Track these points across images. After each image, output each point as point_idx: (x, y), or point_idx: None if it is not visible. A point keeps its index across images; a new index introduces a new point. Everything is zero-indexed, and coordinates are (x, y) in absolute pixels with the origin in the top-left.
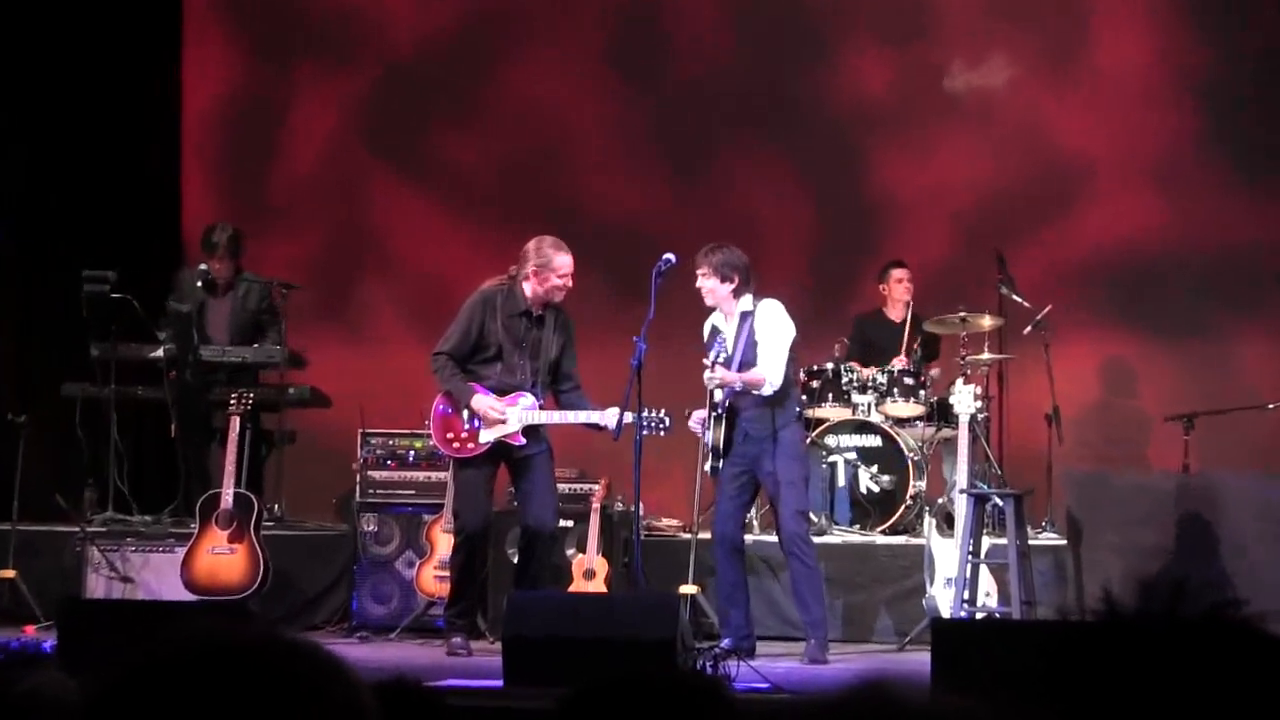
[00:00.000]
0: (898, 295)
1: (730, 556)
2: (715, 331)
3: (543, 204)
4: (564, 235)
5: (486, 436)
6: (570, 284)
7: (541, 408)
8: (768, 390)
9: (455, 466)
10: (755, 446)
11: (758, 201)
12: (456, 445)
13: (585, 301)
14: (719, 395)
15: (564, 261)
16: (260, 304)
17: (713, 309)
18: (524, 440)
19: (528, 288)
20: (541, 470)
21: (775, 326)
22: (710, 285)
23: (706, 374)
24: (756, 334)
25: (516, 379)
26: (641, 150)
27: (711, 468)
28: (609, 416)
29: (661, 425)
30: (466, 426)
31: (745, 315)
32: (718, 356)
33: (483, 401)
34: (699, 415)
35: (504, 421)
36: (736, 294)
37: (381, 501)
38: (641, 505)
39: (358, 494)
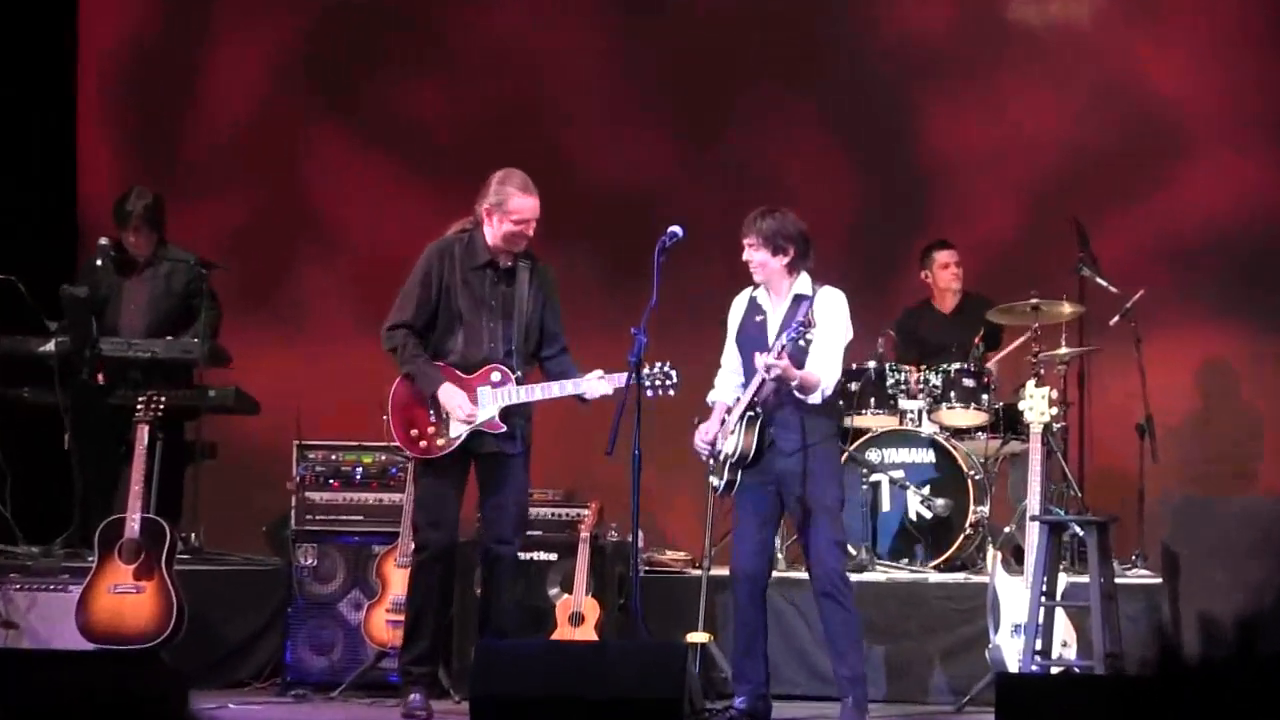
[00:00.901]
0: (944, 283)
1: (751, 597)
2: (754, 309)
3: (522, 167)
4: (548, 205)
5: (457, 430)
6: (529, 233)
7: (521, 381)
8: (818, 397)
9: (417, 469)
10: (783, 462)
11: (784, 167)
12: (423, 444)
13: (573, 285)
14: (758, 390)
15: (522, 205)
16: (189, 286)
17: (745, 286)
18: (502, 426)
19: (488, 232)
20: (516, 479)
21: (837, 321)
22: (761, 258)
23: (766, 357)
24: (813, 326)
25: (485, 349)
26: (643, 102)
27: (726, 483)
28: (594, 383)
29: (668, 382)
30: (433, 419)
31: (801, 300)
32: (795, 336)
33: (451, 395)
34: (707, 428)
35: (473, 418)
36: (791, 269)
37: (322, 529)
38: (641, 534)
39: (293, 520)
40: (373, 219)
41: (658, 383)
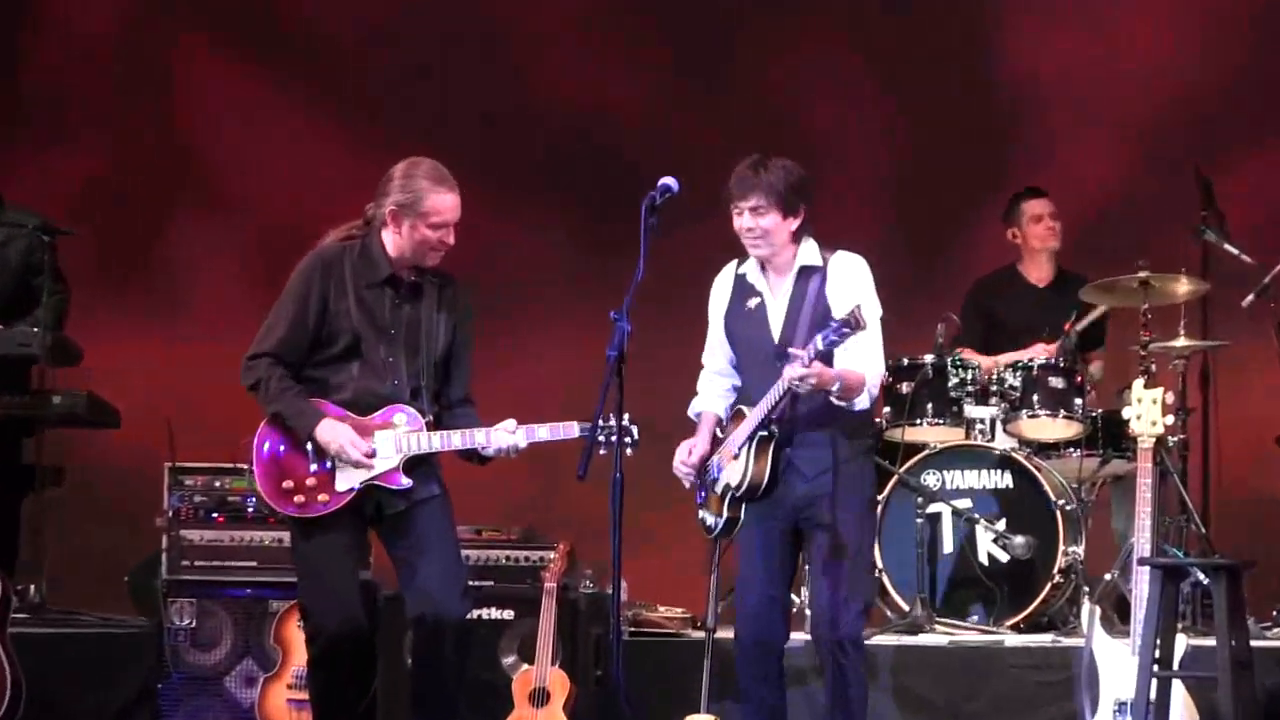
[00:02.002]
0: (1038, 239)
1: (760, 669)
2: (745, 290)
3: (471, 106)
4: (508, 151)
5: (347, 481)
6: (449, 241)
7: (429, 427)
8: (865, 402)
9: (297, 533)
10: (803, 488)
11: (807, 103)
12: (300, 499)
13: (538, 258)
14: (775, 406)
15: (440, 204)
16: (27, 259)
17: (735, 257)
18: (406, 482)
19: (388, 239)
20: (436, 527)
21: (871, 296)
22: (769, 223)
23: (792, 369)
24: (835, 307)
25: (386, 385)
26: (629, 23)
27: (726, 522)
28: (501, 435)
29: (627, 439)
30: (314, 469)
31: (808, 274)
32: (834, 340)
33: (337, 433)
34: (691, 445)
35: (371, 456)
36: (797, 236)
37: (203, 579)
38: (625, 584)
39: (164, 567)
40: (272, 171)
41: (612, 438)
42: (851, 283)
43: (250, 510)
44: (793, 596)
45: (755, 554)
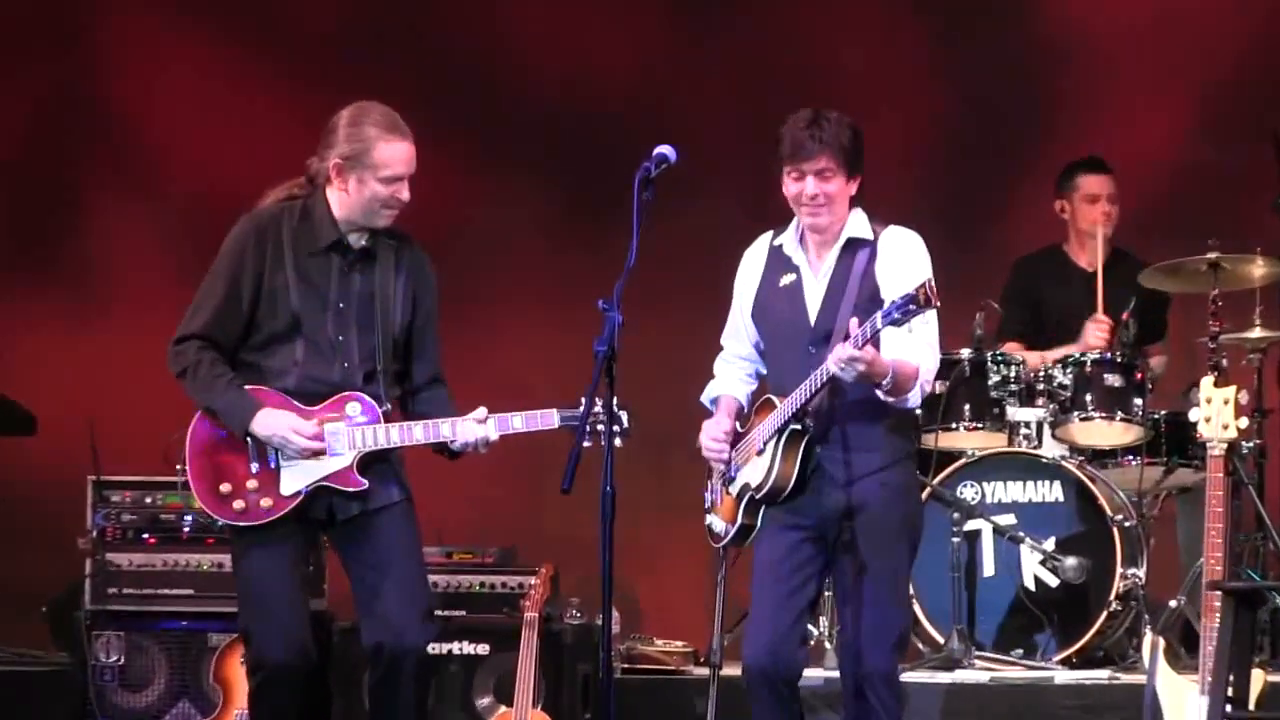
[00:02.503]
0: (1088, 222)
1: (777, 704)
2: (780, 264)
3: (439, 63)
4: (482, 113)
5: (294, 482)
6: (404, 196)
7: (390, 417)
8: (916, 399)
9: (237, 545)
10: (834, 496)
11: (828, 60)
12: (240, 505)
13: (515, 235)
14: (814, 395)
15: (392, 154)
16: None
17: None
18: (362, 482)
19: (334, 198)
20: (395, 539)
21: (922, 278)
22: (835, 188)
23: (844, 348)
24: (884, 287)
25: (336, 371)
26: None
27: (740, 529)
28: (470, 426)
29: (616, 429)
30: (255, 468)
31: (855, 248)
32: (897, 318)
33: (276, 422)
34: (717, 422)
35: (320, 451)
36: (854, 202)
37: (133, 610)
38: (617, 614)
39: (87, 596)
40: (209, 135)
41: (600, 426)
42: (907, 262)
43: (186, 530)
44: (809, 627)
45: (772, 570)
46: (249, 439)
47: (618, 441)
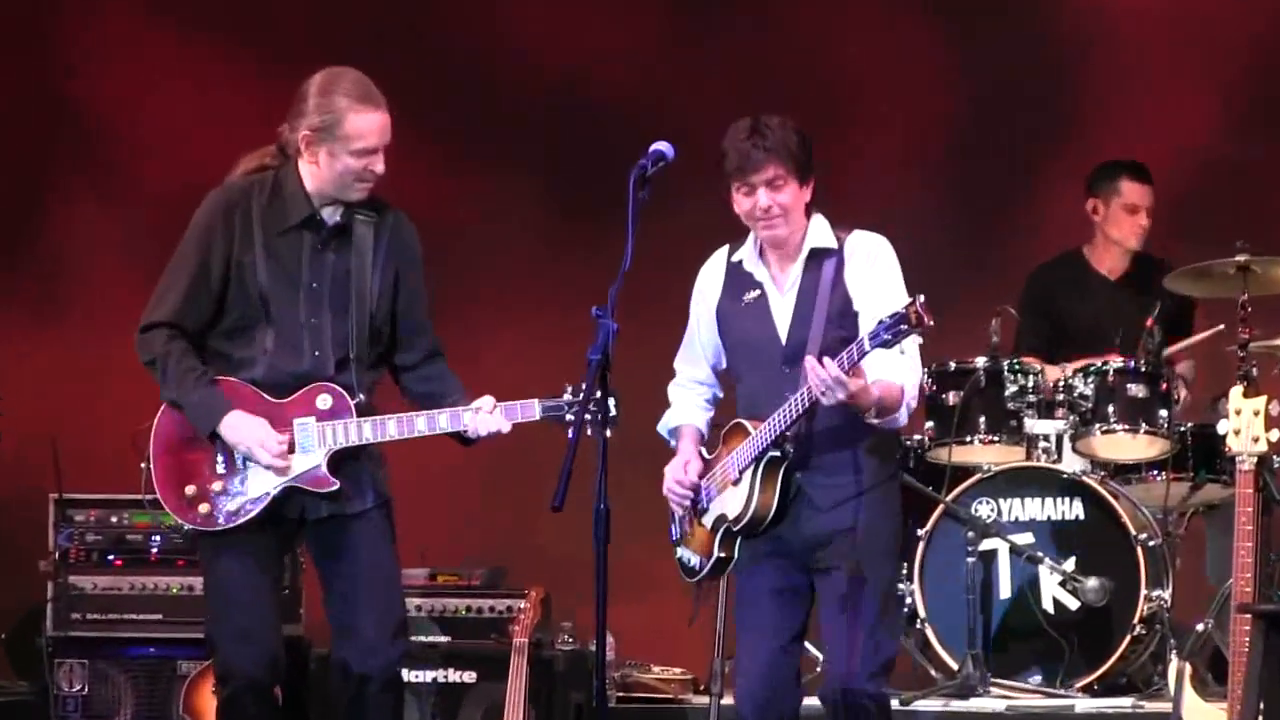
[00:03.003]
0: (1121, 232)
1: None
2: (741, 281)
3: (425, 53)
4: (472, 106)
5: (262, 484)
6: (378, 169)
7: (365, 409)
8: (903, 419)
9: (205, 550)
10: (816, 521)
11: (834, 55)
12: (205, 509)
13: (504, 234)
14: (793, 422)
15: (365, 124)
16: None
17: (717, 245)
18: (333, 482)
19: (305, 171)
20: (369, 549)
21: (898, 287)
22: (788, 198)
23: (824, 370)
24: (857, 298)
25: (306, 359)
26: None
27: (716, 562)
28: (482, 417)
29: (598, 413)
30: (221, 470)
31: (820, 258)
32: (886, 340)
33: (246, 430)
34: (683, 464)
35: (287, 453)
36: (808, 211)
37: (97, 636)
38: (612, 640)
39: (49, 622)
40: (181, 130)
41: (586, 415)
42: (878, 271)
43: (154, 551)
44: (808, 646)
45: (755, 603)
46: (218, 443)
47: (608, 432)
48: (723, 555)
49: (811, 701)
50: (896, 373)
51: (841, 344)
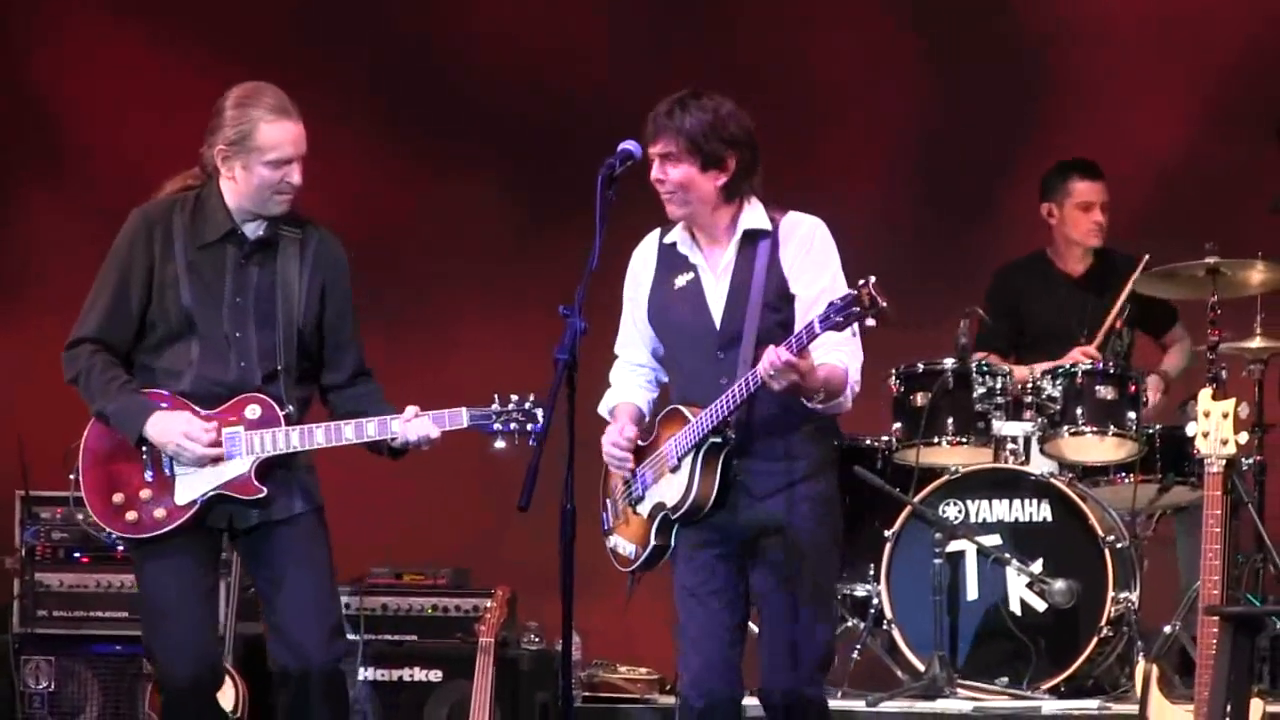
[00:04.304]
0: (1079, 231)
1: None
2: (673, 262)
3: (387, 46)
4: (433, 100)
5: (189, 491)
6: (295, 180)
7: (294, 422)
8: (848, 403)
9: (136, 558)
10: (753, 510)
11: (805, 47)
12: (132, 516)
13: (467, 231)
14: (735, 408)
15: (277, 135)
16: None
17: (665, 224)
18: (260, 489)
19: (226, 188)
20: (297, 552)
21: (836, 267)
22: (680, 175)
23: (775, 353)
24: (793, 281)
25: (232, 371)
26: None
27: (653, 551)
28: (411, 423)
29: (525, 424)
30: (149, 477)
31: (754, 240)
32: (836, 321)
33: (170, 426)
34: (621, 429)
35: (218, 457)
36: (728, 194)
37: (64, 634)
38: (578, 639)
39: (15, 619)
40: (143, 132)
41: (512, 425)
42: (812, 252)
43: (121, 549)
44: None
45: (694, 594)
46: (143, 446)
47: (531, 442)
48: (659, 544)
49: (750, 701)
50: (840, 355)
51: (779, 328)
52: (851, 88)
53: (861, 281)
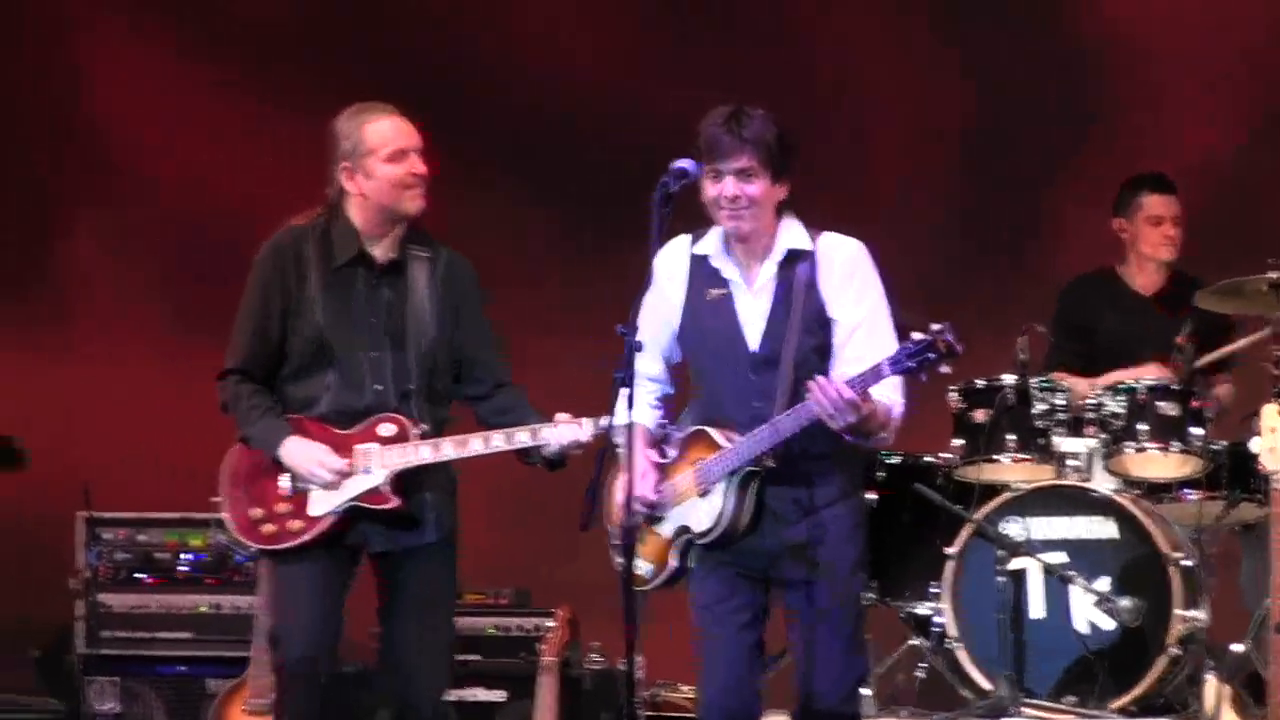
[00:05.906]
0: (1151, 246)
1: None
2: (706, 277)
3: (424, 65)
4: (474, 120)
5: (324, 504)
6: (420, 170)
7: (428, 437)
8: (889, 440)
9: (270, 566)
10: (780, 534)
11: (847, 59)
12: (270, 529)
13: (512, 255)
14: (784, 438)
15: (385, 129)
16: None
17: (691, 232)
18: (394, 499)
19: (354, 211)
20: (432, 587)
21: (880, 296)
22: (758, 190)
23: (831, 393)
24: (833, 305)
25: (367, 393)
26: None
27: (673, 572)
28: (559, 430)
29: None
30: (285, 491)
31: (794, 260)
32: (913, 366)
33: (304, 453)
34: (642, 468)
35: (343, 474)
36: (781, 208)
37: (127, 654)
38: (642, 660)
39: (81, 639)
40: (188, 156)
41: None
42: (855, 275)
43: (183, 569)
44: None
45: (713, 612)
46: (278, 465)
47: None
48: (679, 565)
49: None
50: (887, 392)
51: (815, 353)
52: (900, 102)
53: (938, 328)
